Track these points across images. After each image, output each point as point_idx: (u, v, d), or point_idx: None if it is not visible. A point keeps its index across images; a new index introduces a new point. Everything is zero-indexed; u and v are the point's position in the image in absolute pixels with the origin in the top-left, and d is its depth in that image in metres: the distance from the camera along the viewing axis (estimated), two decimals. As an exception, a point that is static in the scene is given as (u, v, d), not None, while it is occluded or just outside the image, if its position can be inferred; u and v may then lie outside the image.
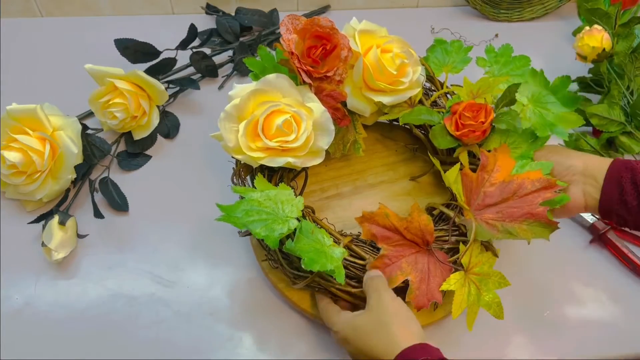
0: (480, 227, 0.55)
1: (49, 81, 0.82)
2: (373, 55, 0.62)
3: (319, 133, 0.60)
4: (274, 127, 0.56)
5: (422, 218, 0.53)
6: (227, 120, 0.58)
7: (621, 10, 0.80)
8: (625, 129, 0.75)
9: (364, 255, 0.55)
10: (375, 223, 0.54)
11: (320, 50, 0.59)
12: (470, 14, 0.98)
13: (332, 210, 0.67)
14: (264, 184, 0.57)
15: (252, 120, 0.57)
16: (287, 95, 0.59)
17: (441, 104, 0.69)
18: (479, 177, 0.56)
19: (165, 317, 0.60)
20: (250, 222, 0.52)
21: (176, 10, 0.95)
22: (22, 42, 0.89)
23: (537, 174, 0.55)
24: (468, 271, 0.53)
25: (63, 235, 0.62)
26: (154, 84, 0.72)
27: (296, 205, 0.54)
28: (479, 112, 0.60)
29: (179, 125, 0.78)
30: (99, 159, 0.72)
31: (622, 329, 0.61)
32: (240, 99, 0.57)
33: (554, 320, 0.62)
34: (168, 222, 0.68)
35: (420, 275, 0.53)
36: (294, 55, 0.58)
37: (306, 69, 0.58)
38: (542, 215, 0.53)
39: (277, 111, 0.57)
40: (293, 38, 0.58)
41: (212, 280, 0.63)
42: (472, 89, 0.63)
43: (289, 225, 0.52)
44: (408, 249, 0.54)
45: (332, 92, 0.61)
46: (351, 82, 0.64)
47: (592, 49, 0.75)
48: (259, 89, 0.58)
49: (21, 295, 0.61)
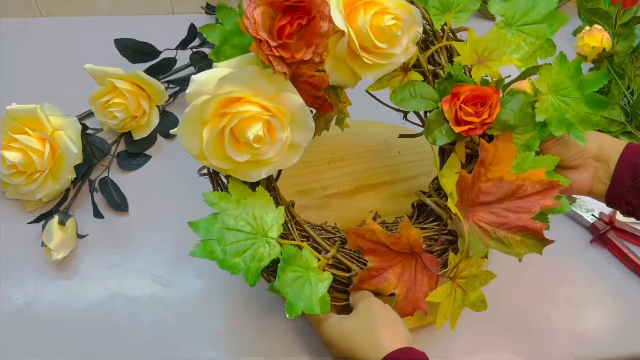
0: (473, 236, 0.51)
1: (49, 81, 0.82)
2: (361, 24, 0.49)
3: (297, 130, 0.50)
4: (244, 139, 0.47)
5: (412, 234, 0.50)
6: (188, 124, 0.48)
7: (621, 10, 0.80)
8: (626, 129, 0.75)
9: (350, 266, 0.53)
10: (362, 237, 0.51)
11: (296, 26, 0.46)
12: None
13: (333, 208, 0.67)
14: (239, 189, 0.51)
15: (217, 130, 0.47)
16: (257, 92, 0.48)
17: (440, 62, 0.57)
18: (476, 172, 0.52)
19: (165, 317, 0.60)
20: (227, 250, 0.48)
21: (176, 10, 0.95)
22: (22, 42, 0.89)
23: (540, 175, 0.51)
24: (455, 278, 0.52)
25: (63, 235, 0.62)
26: (153, 83, 0.72)
27: (276, 219, 0.50)
28: (484, 106, 0.51)
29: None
30: (99, 159, 0.72)
31: (622, 329, 0.61)
32: (203, 101, 0.46)
33: (553, 320, 0.62)
34: (168, 222, 0.68)
35: (406, 286, 0.52)
36: (262, 42, 0.45)
37: (279, 55, 0.46)
38: (539, 231, 0.50)
39: (247, 120, 0.47)
40: (258, 14, 0.45)
41: (212, 280, 0.63)
42: (477, 48, 0.53)
43: (269, 252, 0.49)
44: (395, 258, 0.52)
45: (311, 78, 0.50)
46: (332, 57, 0.51)
47: (593, 49, 0.75)
48: (223, 91, 0.46)
49: (21, 295, 0.61)
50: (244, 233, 0.49)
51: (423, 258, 0.52)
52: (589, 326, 0.61)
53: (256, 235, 0.49)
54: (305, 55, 0.47)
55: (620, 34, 0.78)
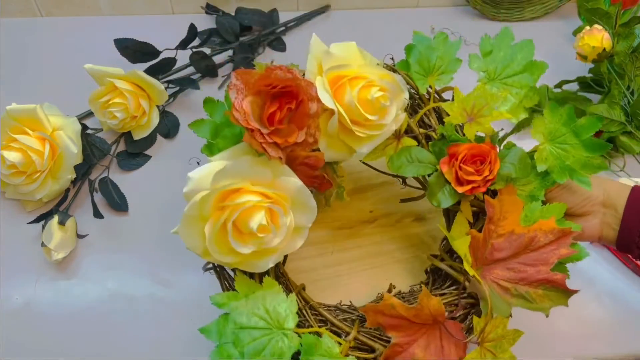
0: (494, 296, 0.49)
1: (49, 81, 0.82)
2: (349, 99, 0.49)
3: (300, 212, 0.49)
4: (247, 230, 0.46)
5: (432, 303, 0.48)
6: (189, 223, 0.47)
7: (621, 10, 0.80)
8: (626, 129, 0.75)
9: (374, 346, 0.50)
10: (382, 313, 0.48)
11: (285, 111, 0.46)
12: (470, 14, 0.98)
13: (332, 208, 0.67)
14: (246, 284, 0.50)
15: (219, 224, 0.46)
16: (255, 181, 0.47)
17: (431, 125, 0.58)
18: (487, 230, 0.51)
19: (165, 317, 0.60)
20: (247, 352, 0.46)
21: (176, 10, 0.95)
22: (22, 42, 0.89)
23: (550, 224, 0.50)
24: (483, 342, 0.49)
25: (63, 235, 0.62)
26: (153, 83, 0.72)
27: (290, 309, 0.48)
28: (483, 163, 0.51)
29: (178, 125, 0.78)
30: (99, 158, 0.72)
31: (622, 329, 0.61)
32: (201, 198, 0.46)
33: (553, 320, 0.62)
34: (168, 222, 0.68)
35: (434, 358, 0.49)
36: (255, 131, 0.45)
37: (272, 141, 0.46)
38: (561, 282, 0.49)
39: (248, 210, 0.46)
40: (247, 105, 0.45)
41: (212, 280, 0.63)
42: (465, 106, 0.53)
43: (289, 345, 0.47)
44: (418, 330, 0.49)
45: (307, 159, 0.50)
46: (325, 135, 0.51)
47: (593, 49, 0.75)
48: (220, 186, 0.46)
49: (21, 295, 0.61)
50: (259, 330, 0.47)
51: (447, 326, 0.50)
52: (589, 326, 0.61)
53: (272, 329, 0.48)
54: (298, 137, 0.47)
55: (621, 34, 0.78)
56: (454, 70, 0.56)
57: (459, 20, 0.97)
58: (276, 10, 0.93)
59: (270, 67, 0.46)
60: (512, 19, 0.97)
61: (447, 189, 0.52)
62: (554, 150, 0.53)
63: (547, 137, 0.54)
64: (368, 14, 0.97)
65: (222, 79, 0.85)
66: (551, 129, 0.54)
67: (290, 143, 0.47)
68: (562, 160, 0.53)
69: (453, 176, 0.51)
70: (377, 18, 0.68)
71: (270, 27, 0.91)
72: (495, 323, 0.50)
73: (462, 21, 0.96)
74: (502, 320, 0.50)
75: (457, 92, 0.54)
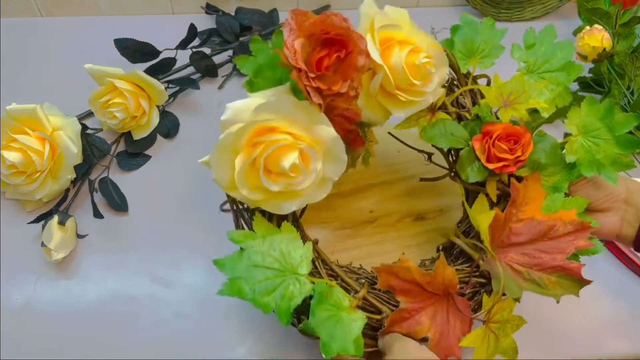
0: (508, 278, 0.50)
1: (49, 81, 0.82)
2: (397, 59, 0.50)
3: (329, 163, 0.49)
4: (279, 167, 0.46)
5: (447, 273, 0.48)
6: (221, 152, 0.47)
7: (621, 10, 0.80)
8: None
9: (381, 308, 0.50)
10: (395, 275, 0.49)
11: (334, 59, 0.46)
12: (470, 14, 0.98)
13: (332, 209, 0.67)
14: (264, 226, 0.50)
15: (251, 159, 0.46)
16: (293, 122, 0.47)
17: (465, 105, 0.59)
18: (508, 212, 0.51)
19: (165, 317, 0.60)
20: (257, 289, 0.46)
21: (176, 10, 0.95)
22: (22, 42, 0.89)
23: (571, 215, 0.50)
24: (488, 321, 0.49)
25: (63, 235, 0.62)
26: (153, 83, 0.72)
27: (305, 255, 0.48)
28: (517, 143, 0.51)
29: (178, 125, 0.78)
30: (99, 159, 0.72)
31: (622, 329, 0.61)
32: (237, 129, 0.46)
33: (553, 320, 0.62)
34: (168, 222, 0.68)
35: (439, 329, 0.49)
36: (301, 71, 0.46)
37: (316, 86, 0.46)
38: (576, 271, 0.49)
39: (282, 148, 0.46)
40: (299, 45, 0.45)
41: (212, 280, 0.63)
42: (503, 92, 0.54)
43: (301, 290, 0.46)
44: (427, 299, 0.50)
45: (346, 111, 0.50)
46: (365, 93, 0.52)
47: (593, 49, 0.75)
48: (259, 119, 0.46)
49: (21, 295, 0.61)
50: (273, 270, 0.47)
51: (455, 300, 0.50)
52: (589, 326, 0.61)
53: (285, 272, 0.47)
54: (341, 88, 0.47)
55: (621, 34, 0.78)
56: (496, 56, 0.57)
57: (459, 21, 0.96)
58: (276, 10, 0.93)
59: (326, 13, 0.46)
60: (512, 19, 0.97)
61: (476, 164, 0.53)
62: (586, 143, 0.54)
63: (580, 129, 0.54)
64: (368, 14, 0.97)
65: (222, 79, 0.85)
66: (586, 122, 0.54)
67: (333, 92, 0.47)
68: (593, 154, 0.53)
69: (484, 153, 0.52)
70: (377, 18, 0.69)
71: (270, 27, 0.91)
72: (503, 305, 0.50)
73: (462, 21, 0.96)
74: (510, 304, 0.50)
75: (496, 77, 0.55)
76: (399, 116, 0.54)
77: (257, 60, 0.52)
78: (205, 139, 0.76)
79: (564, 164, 0.54)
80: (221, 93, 0.83)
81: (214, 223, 0.67)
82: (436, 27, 0.95)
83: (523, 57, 0.59)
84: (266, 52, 0.52)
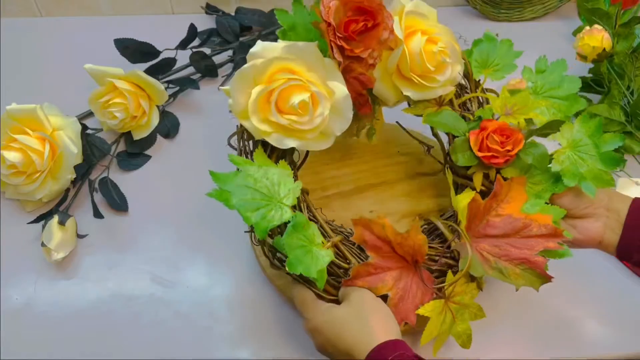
0: (475, 260, 0.53)
1: (49, 81, 0.82)
2: (416, 44, 0.55)
3: (335, 117, 0.55)
4: (289, 104, 0.51)
5: (419, 238, 0.51)
6: (242, 80, 0.52)
7: (621, 10, 0.80)
8: (626, 129, 0.75)
9: (350, 259, 0.53)
10: (370, 230, 0.52)
11: (361, 26, 0.52)
12: (470, 14, 0.98)
13: (332, 209, 0.67)
14: (263, 159, 0.54)
15: (267, 90, 0.51)
16: (312, 69, 0.53)
17: (470, 109, 0.63)
18: (488, 204, 0.54)
19: (165, 317, 0.60)
20: (242, 203, 0.49)
21: (176, 10, 0.95)
22: (22, 42, 0.89)
23: (547, 219, 0.53)
24: (448, 299, 0.52)
25: (63, 235, 0.62)
26: (153, 83, 0.72)
27: (293, 190, 0.52)
28: (509, 139, 0.55)
29: (178, 125, 0.78)
30: (99, 159, 0.72)
31: (621, 329, 0.61)
32: (262, 62, 0.51)
33: (553, 320, 0.62)
34: (168, 222, 0.68)
35: (400, 293, 0.52)
36: (330, 26, 0.52)
37: (340, 44, 0.52)
38: (540, 265, 0.51)
39: (297, 86, 0.51)
40: (334, 5, 0.51)
41: (212, 280, 0.63)
42: (507, 103, 0.59)
43: (282, 216, 0.50)
44: (395, 262, 0.53)
45: (361, 75, 0.55)
46: (383, 67, 0.57)
47: (593, 49, 0.75)
48: (284, 57, 0.52)
49: (21, 295, 0.61)
50: (261, 194, 0.51)
51: (422, 273, 0.52)
52: (589, 326, 0.61)
53: (271, 199, 0.51)
54: (362, 53, 0.53)
55: (620, 34, 0.78)
56: (508, 72, 0.63)
57: (459, 20, 0.97)
58: (276, 10, 0.93)
59: None
60: (512, 19, 0.97)
61: (467, 153, 0.57)
62: (573, 156, 0.57)
63: (570, 143, 0.58)
64: (368, 14, 0.97)
65: (222, 79, 0.85)
66: (576, 137, 0.58)
67: (354, 54, 0.53)
68: (577, 167, 0.56)
69: (477, 145, 0.56)
70: (377, 18, 0.69)
71: (270, 27, 0.91)
72: (466, 289, 0.53)
73: (462, 21, 0.96)
74: (472, 290, 0.53)
75: (504, 90, 0.60)
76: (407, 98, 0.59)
77: (294, 17, 0.57)
78: (206, 139, 0.77)
79: (550, 174, 0.57)
80: (221, 93, 0.83)
81: (214, 223, 0.67)
82: (436, 27, 0.95)
83: (532, 79, 0.64)
84: (304, 12, 0.57)
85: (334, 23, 0.51)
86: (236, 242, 0.66)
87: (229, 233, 0.66)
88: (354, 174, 0.71)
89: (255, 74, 0.52)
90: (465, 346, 0.52)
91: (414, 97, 0.59)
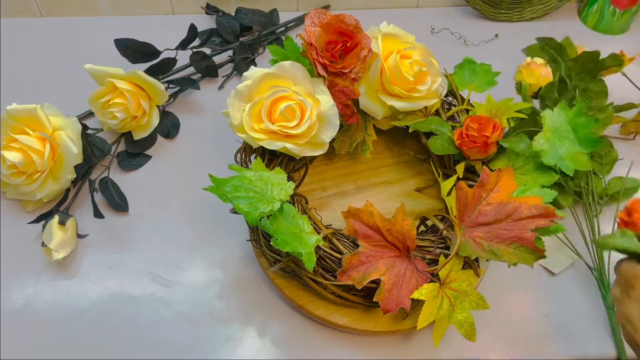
0: (464, 242, 0.53)
1: (49, 81, 0.82)
2: (392, 59, 0.62)
3: (324, 126, 0.61)
4: (278, 111, 0.57)
5: (406, 223, 0.52)
6: (237, 98, 0.60)
7: (621, 10, 0.79)
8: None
9: (343, 250, 0.54)
10: (359, 220, 0.53)
11: (341, 46, 0.60)
12: (470, 14, 0.98)
13: (332, 208, 0.67)
14: (261, 167, 0.57)
15: (258, 102, 0.58)
16: (299, 84, 0.60)
17: (458, 120, 0.67)
18: (476, 193, 0.55)
19: (165, 317, 0.60)
20: (236, 197, 0.52)
21: (176, 10, 0.95)
22: (22, 42, 0.89)
23: (536, 200, 0.53)
24: (444, 284, 0.52)
25: (63, 235, 0.62)
26: (154, 84, 0.72)
27: (285, 189, 0.54)
28: (486, 125, 0.59)
29: (179, 125, 0.78)
30: (99, 159, 0.72)
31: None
32: (252, 81, 0.59)
33: (553, 320, 0.62)
34: (168, 222, 0.68)
35: (394, 279, 0.52)
36: (312, 46, 0.59)
37: (323, 62, 0.60)
38: (530, 240, 0.51)
39: (284, 97, 0.58)
40: (315, 30, 0.59)
41: (212, 280, 0.63)
42: (492, 108, 0.63)
43: (272, 206, 0.52)
44: (388, 251, 0.53)
45: (345, 88, 0.62)
46: (367, 83, 0.64)
47: (529, 86, 0.70)
48: (272, 73, 0.59)
49: (21, 295, 0.61)
50: (254, 192, 0.53)
51: (415, 261, 0.53)
52: (588, 326, 0.61)
53: (264, 196, 0.53)
54: (343, 68, 0.61)
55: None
56: (484, 90, 0.69)
57: (459, 20, 0.97)
58: (276, 10, 0.93)
59: (343, 15, 0.60)
60: (512, 19, 0.97)
61: (446, 143, 0.62)
62: (552, 138, 0.61)
63: (550, 128, 0.62)
64: (368, 14, 0.97)
65: (222, 79, 0.85)
66: (555, 122, 0.62)
67: (336, 68, 0.61)
68: (556, 149, 0.60)
69: (456, 136, 0.61)
70: (377, 18, 0.69)
71: (270, 27, 0.91)
72: (462, 275, 0.53)
73: (462, 21, 0.97)
74: (469, 277, 0.53)
75: (489, 98, 0.65)
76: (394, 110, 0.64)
77: (286, 52, 0.63)
78: (206, 139, 0.77)
79: (537, 165, 0.60)
80: (221, 93, 0.84)
81: (214, 223, 0.67)
82: (436, 28, 0.95)
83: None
84: (295, 47, 0.63)
85: (317, 45, 0.59)
86: (236, 243, 0.66)
87: (229, 233, 0.66)
88: (355, 174, 0.71)
89: (248, 92, 0.60)
90: (469, 337, 0.51)
91: (399, 107, 0.63)
